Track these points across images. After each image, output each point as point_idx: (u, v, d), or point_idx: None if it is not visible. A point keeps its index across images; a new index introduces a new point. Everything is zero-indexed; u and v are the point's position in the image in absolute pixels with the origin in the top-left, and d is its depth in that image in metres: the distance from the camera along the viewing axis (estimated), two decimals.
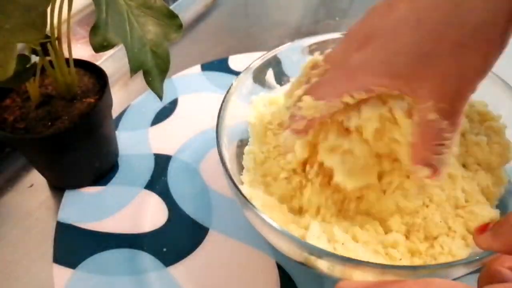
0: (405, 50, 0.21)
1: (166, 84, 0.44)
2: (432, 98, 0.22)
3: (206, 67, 0.48)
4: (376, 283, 0.19)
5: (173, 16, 0.30)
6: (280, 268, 0.31)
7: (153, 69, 0.29)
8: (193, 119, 0.42)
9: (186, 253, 0.32)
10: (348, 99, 0.23)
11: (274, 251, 0.32)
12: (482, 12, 0.20)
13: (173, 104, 0.44)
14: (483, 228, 0.20)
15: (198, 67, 0.48)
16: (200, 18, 0.57)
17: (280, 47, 0.35)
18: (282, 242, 0.24)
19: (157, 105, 0.43)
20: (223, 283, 0.30)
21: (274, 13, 0.60)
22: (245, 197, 0.24)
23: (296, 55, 0.35)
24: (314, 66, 0.27)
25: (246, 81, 0.33)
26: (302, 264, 0.25)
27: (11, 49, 0.23)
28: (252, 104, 0.34)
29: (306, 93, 0.25)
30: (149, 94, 0.44)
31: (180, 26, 0.30)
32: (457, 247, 0.25)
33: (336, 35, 0.35)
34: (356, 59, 0.23)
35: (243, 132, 0.34)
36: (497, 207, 0.29)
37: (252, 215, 0.25)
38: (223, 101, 0.30)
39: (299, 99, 0.25)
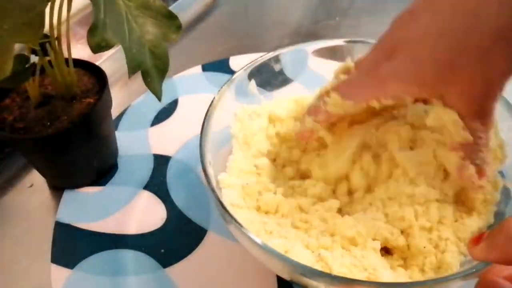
0: (431, 59, 0.22)
1: (166, 84, 0.44)
2: (461, 102, 0.23)
3: (206, 67, 0.48)
4: None
5: (172, 16, 0.30)
6: None
7: (152, 70, 0.29)
8: (193, 120, 0.42)
9: (184, 255, 0.32)
10: (375, 104, 0.25)
11: None
12: (498, 18, 0.21)
13: (173, 105, 0.44)
14: (477, 239, 0.20)
15: (198, 68, 0.48)
16: (200, 18, 0.57)
17: (261, 57, 0.34)
18: (271, 262, 0.24)
19: (157, 105, 0.43)
20: (220, 285, 0.30)
21: (274, 13, 0.60)
22: (233, 218, 0.24)
23: (278, 65, 0.35)
24: (346, 71, 0.28)
25: (228, 94, 0.33)
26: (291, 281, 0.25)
27: (9, 50, 0.23)
28: (236, 117, 0.34)
29: (334, 89, 0.26)
30: (149, 94, 0.43)
31: (179, 26, 0.30)
32: (450, 256, 0.25)
33: (319, 44, 0.35)
34: (385, 67, 0.24)
35: (228, 145, 0.33)
36: (495, 214, 0.28)
37: (244, 239, 0.24)
38: (205, 116, 0.30)
39: (327, 93, 0.26)
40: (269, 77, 0.36)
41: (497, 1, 0.21)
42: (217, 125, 0.31)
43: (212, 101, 0.31)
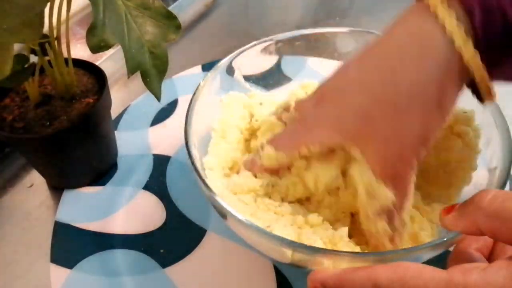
0: (352, 110, 0.23)
1: (166, 84, 0.44)
2: (375, 161, 0.23)
3: (206, 67, 0.48)
4: (347, 270, 0.20)
5: (171, 16, 0.30)
6: (277, 270, 0.31)
7: (151, 70, 0.29)
8: None
9: (184, 255, 0.32)
10: (304, 151, 0.25)
11: None
12: (415, 82, 0.21)
13: (173, 105, 0.44)
14: (449, 210, 0.21)
15: (198, 68, 0.48)
16: (200, 18, 0.57)
17: (247, 46, 0.35)
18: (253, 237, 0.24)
19: (156, 105, 0.43)
20: (220, 285, 0.30)
21: (274, 13, 0.60)
22: (212, 191, 0.25)
23: (262, 54, 0.36)
24: (287, 108, 0.29)
25: (215, 80, 0.33)
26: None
27: (8, 49, 0.23)
28: (222, 103, 0.34)
29: (268, 142, 0.27)
30: (149, 94, 0.43)
31: (178, 26, 0.30)
32: (424, 235, 0.26)
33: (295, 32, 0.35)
34: (313, 112, 0.24)
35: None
36: None
37: (237, 225, 0.25)
38: (191, 101, 0.30)
39: (261, 147, 0.27)
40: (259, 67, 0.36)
41: (416, 58, 0.21)
42: (203, 111, 0.31)
43: (198, 87, 0.31)
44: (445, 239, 0.21)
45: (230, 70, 0.35)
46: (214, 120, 0.33)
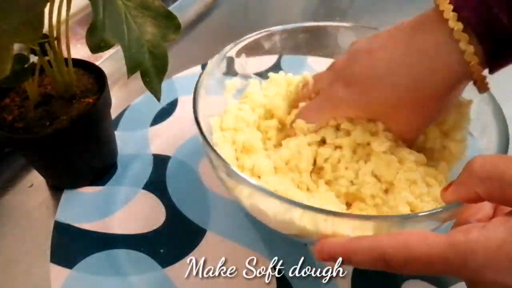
0: (378, 100, 0.28)
1: (166, 84, 0.44)
2: (395, 131, 0.30)
3: None
4: (353, 239, 0.22)
5: (171, 16, 0.30)
6: (277, 270, 0.31)
7: (151, 70, 0.29)
8: (192, 120, 0.42)
9: (184, 255, 0.32)
10: (332, 123, 0.31)
11: (272, 253, 0.31)
12: (430, 85, 0.26)
13: (173, 105, 0.44)
14: (448, 186, 0.22)
15: (198, 68, 0.48)
16: (200, 18, 0.57)
17: (250, 34, 0.37)
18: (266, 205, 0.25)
19: (156, 105, 0.43)
20: (219, 285, 0.30)
21: (274, 13, 0.60)
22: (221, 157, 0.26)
23: (263, 48, 0.38)
24: (304, 85, 0.34)
25: (220, 65, 0.35)
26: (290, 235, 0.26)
27: (7, 49, 0.23)
28: (226, 87, 0.36)
29: (297, 116, 0.32)
30: (149, 94, 0.43)
31: (178, 26, 0.30)
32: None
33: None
34: (342, 94, 0.30)
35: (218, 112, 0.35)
36: None
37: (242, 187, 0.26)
38: (197, 83, 0.32)
39: (292, 121, 0.32)
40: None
41: (430, 65, 0.26)
42: (207, 97, 0.33)
43: (201, 75, 0.33)
44: (446, 207, 0.22)
45: (231, 60, 0.36)
46: (217, 105, 0.35)
